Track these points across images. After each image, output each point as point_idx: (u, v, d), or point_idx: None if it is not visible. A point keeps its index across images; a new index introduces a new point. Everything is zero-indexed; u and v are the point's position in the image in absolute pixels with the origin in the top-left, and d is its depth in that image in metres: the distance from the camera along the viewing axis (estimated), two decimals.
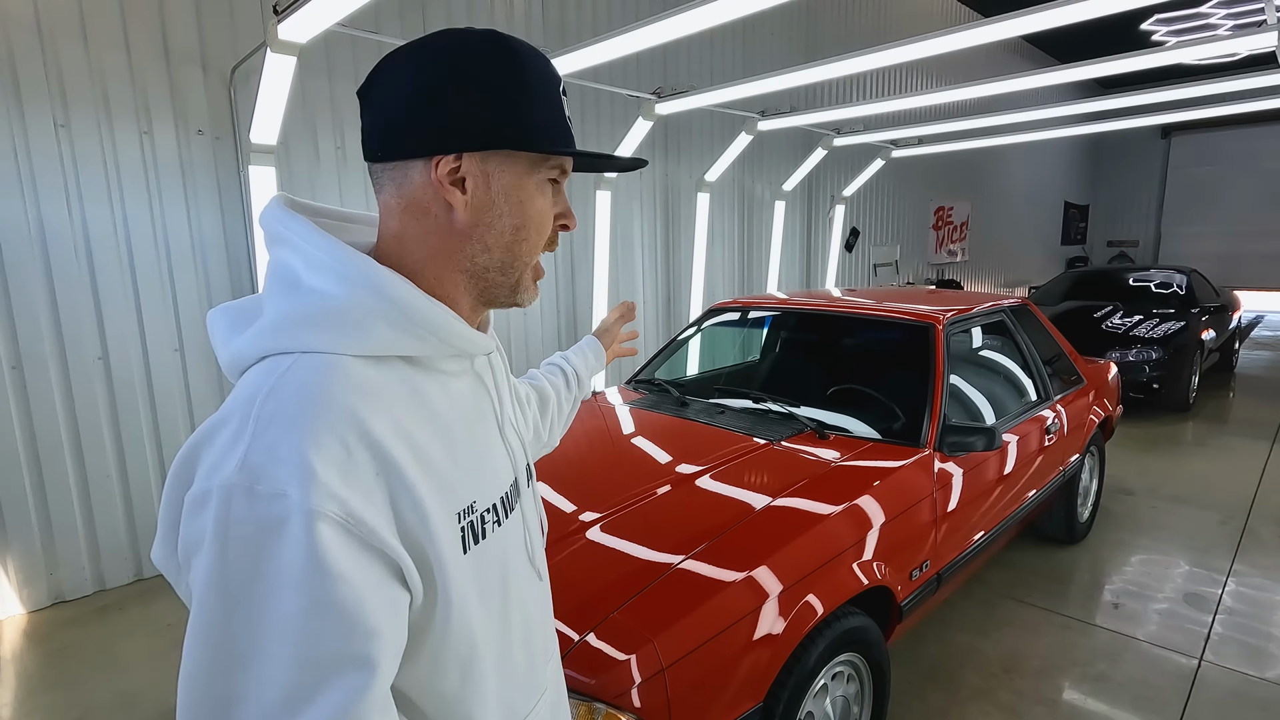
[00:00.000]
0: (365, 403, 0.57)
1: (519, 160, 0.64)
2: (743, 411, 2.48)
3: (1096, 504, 3.59)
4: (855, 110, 4.46)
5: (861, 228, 7.88)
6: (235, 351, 0.62)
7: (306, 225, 0.63)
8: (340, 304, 0.60)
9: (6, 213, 2.75)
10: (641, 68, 5.10)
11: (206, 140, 3.22)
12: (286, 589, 0.50)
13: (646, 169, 5.27)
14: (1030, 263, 12.47)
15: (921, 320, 2.52)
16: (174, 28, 3.09)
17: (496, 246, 0.65)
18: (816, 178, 6.97)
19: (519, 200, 0.65)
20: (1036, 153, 12.12)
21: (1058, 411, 2.91)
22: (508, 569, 0.70)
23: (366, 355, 0.60)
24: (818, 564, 1.67)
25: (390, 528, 0.56)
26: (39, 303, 2.84)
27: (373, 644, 0.53)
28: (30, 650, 2.69)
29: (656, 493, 1.90)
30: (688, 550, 1.62)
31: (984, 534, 2.35)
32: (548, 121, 0.64)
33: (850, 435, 2.25)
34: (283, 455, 0.52)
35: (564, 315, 4.88)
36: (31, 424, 2.87)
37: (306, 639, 0.50)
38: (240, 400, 0.56)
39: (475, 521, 0.65)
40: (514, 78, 0.63)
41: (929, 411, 2.24)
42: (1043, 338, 3.24)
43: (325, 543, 0.51)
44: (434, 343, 0.64)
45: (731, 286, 6.27)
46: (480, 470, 0.67)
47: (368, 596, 0.53)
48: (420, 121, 0.61)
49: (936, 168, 9.01)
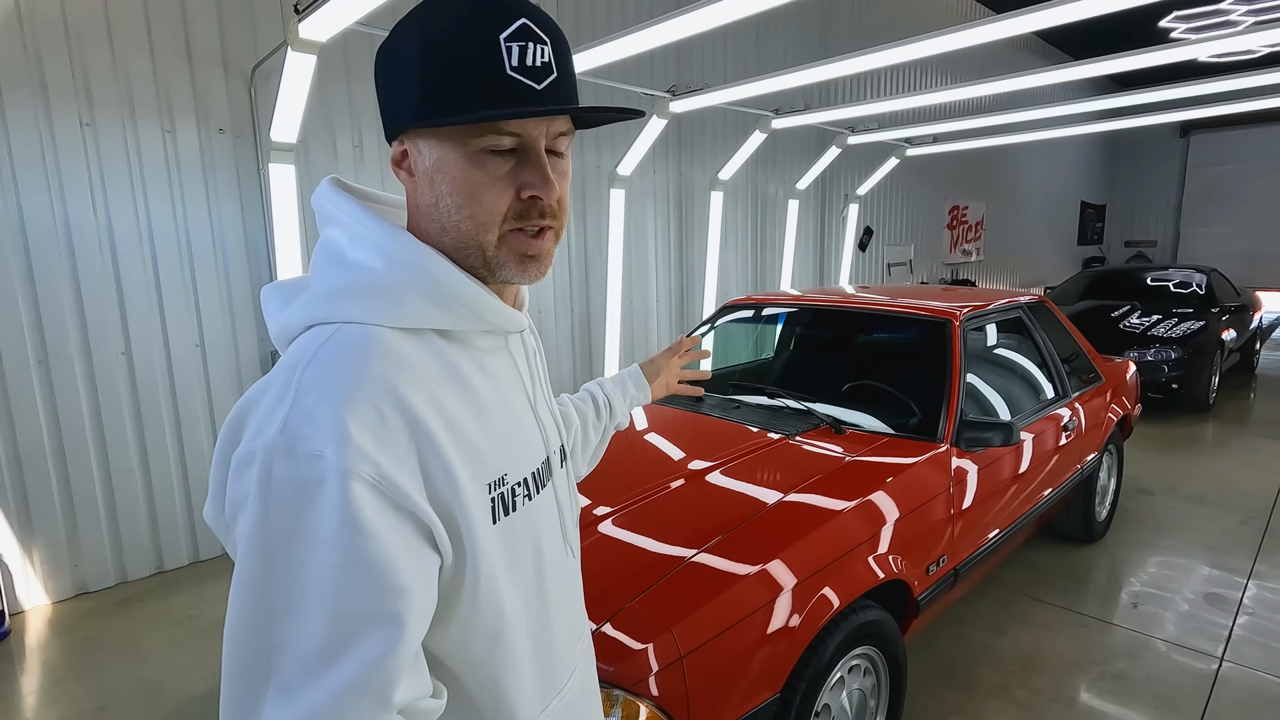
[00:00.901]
0: (400, 372, 0.59)
1: (443, 135, 0.62)
2: (758, 407, 2.48)
3: (1115, 503, 3.56)
4: (869, 108, 4.45)
5: (875, 227, 7.85)
6: (283, 323, 0.65)
7: (353, 204, 0.66)
8: (379, 277, 0.62)
9: (35, 211, 2.80)
10: (655, 66, 5.12)
11: (227, 139, 3.27)
12: (322, 545, 0.52)
13: (659, 165, 5.29)
14: (1046, 263, 12.36)
15: (938, 316, 2.51)
16: (196, 28, 3.13)
17: (449, 225, 0.64)
18: (830, 176, 6.95)
19: (452, 176, 0.62)
20: (1053, 151, 12.02)
21: (1075, 409, 2.89)
22: (540, 544, 0.71)
23: (402, 328, 0.62)
24: (833, 557, 1.67)
25: (421, 491, 0.57)
26: (65, 299, 2.89)
27: (402, 601, 0.55)
28: (55, 640, 2.74)
29: (671, 487, 1.91)
30: (703, 543, 1.63)
31: (1001, 531, 2.34)
32: (457, 87, 0.59)
33: (866, 430, 2.25)
34: (320, 419, 0.54)
35: (578, 313, 4.90)
36: (57, 418, 2.92)
37: (340, 594, 0.53)
38: (284, 367, 0.59)
39: (506, 494, 0.66)
40: (416, 45, 0.60)
41: (946, 407, 2.23)
42: (1061, 335, 3.22)
43: (359, 502, 0.53)
44: (467, 316, 0.65)
45: (744, 285, 6.26)
46: (511, 444, 0.68)
47: (398, 555, 0.55)
48: (381, 107, 0.65)
49: (951, 166, 8.96)
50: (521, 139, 0.62)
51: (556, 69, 0.62)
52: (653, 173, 5.27)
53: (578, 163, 4.76)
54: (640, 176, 5.15)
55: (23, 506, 2.88)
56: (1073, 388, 2.99)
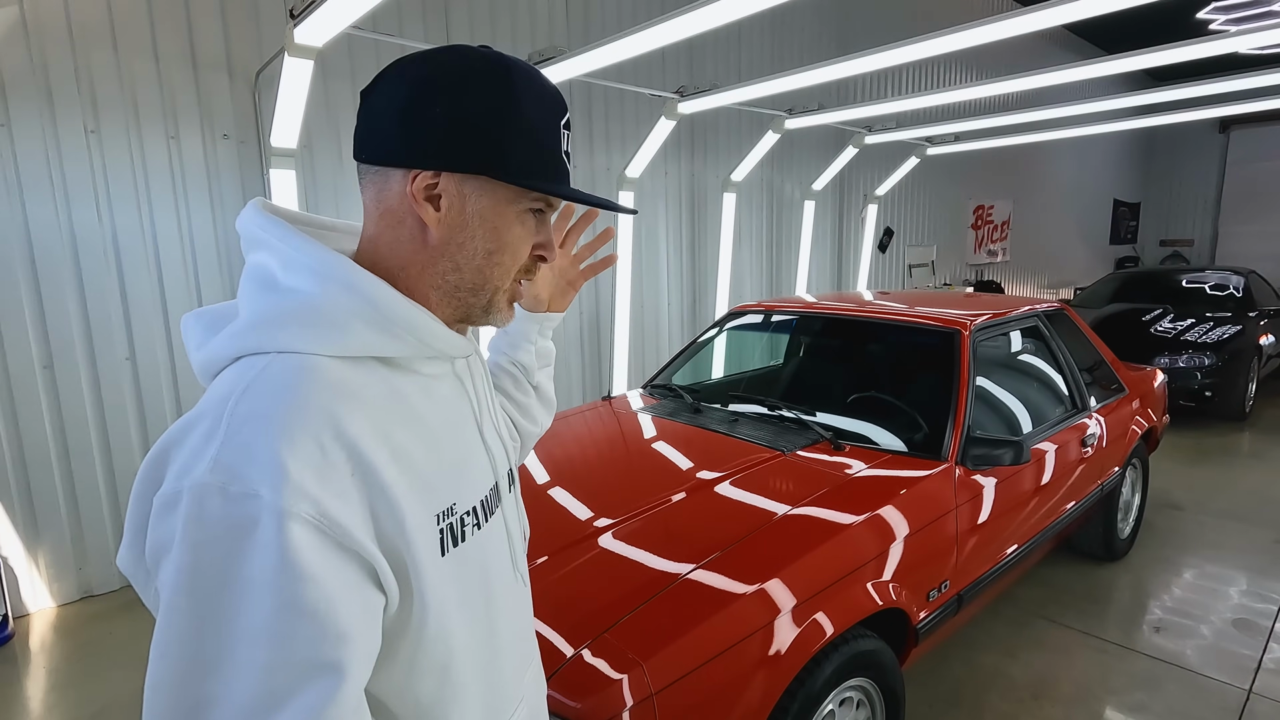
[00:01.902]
0: (341, 403, 0.56)
1: (499, 188, 0.64)
2: (758, 419, 2.40)
3: (1139, 519, 3.40)
4: (887, 106, 4.32)
5: (896, 227, 7.68)
6: (209, 353, 0.61)
7: (284, 227, 0.63)
8: (317, 303, 0.60)
9: (40, 217, 2.82)
10: (667, 66, 5.04)
11: (232, 144, 3.27)
12: (257, 591, 0.49)
13: (670, 166, 5.21)
14: (1076, 263, 12.01)
15: (947, 325, 2.41)
16: (200, 33, 3.14)
17: (467, 268, 0.65)
18: (848, 177, 6.81)
19: (494, 226, 0.65)
20: (1084, 148, 11.66)
21: (1096, 422, 2.76)
22: (490, 573, 0.70)
23: (343, 356, 0.60)
24: (825, 583, 1.60)
25: (365, 529, 0.55)
26: (70, 304, 2.92)
27: (345, 648, 0.52)
28: (58, 643, 2.77)
29: (660, 505, 1.84)
30: (687, 565, 1.56)
31: (1012, 552, 2.23)
32: (535, 155, 0.64)
33: (867, 446, 2.16)
34: (256, 455, 0.51)
35: (586, 317, 4.85)
36: (62, 422, 2.95)
37: (278, 642, 0.50)
38: (214, 400, 0.56)
39: (455, 524, 0.64)
40: (508, 106, 0.62)
41: (952, 422, 2.13)
42: (1081, 344, 3.08)
43: (297, 544, 0.50)
44: (412, 343, 0.63)
45: (760, 288, 6.16)
46: (460, 472, 0.67)
47: (340, 599, 0.52)
48: (406, 132, 0.62)
49: (975, 165, 8.73)
50: (555, 209, 0.70)
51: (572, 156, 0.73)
52: (664, 174, 5.20)
53: (587, 164, 4.71)
54: (651, 178, 5.08)
55: (28, 510, 2.91)
56: (1093, 400, 2.86)
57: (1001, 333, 2.57)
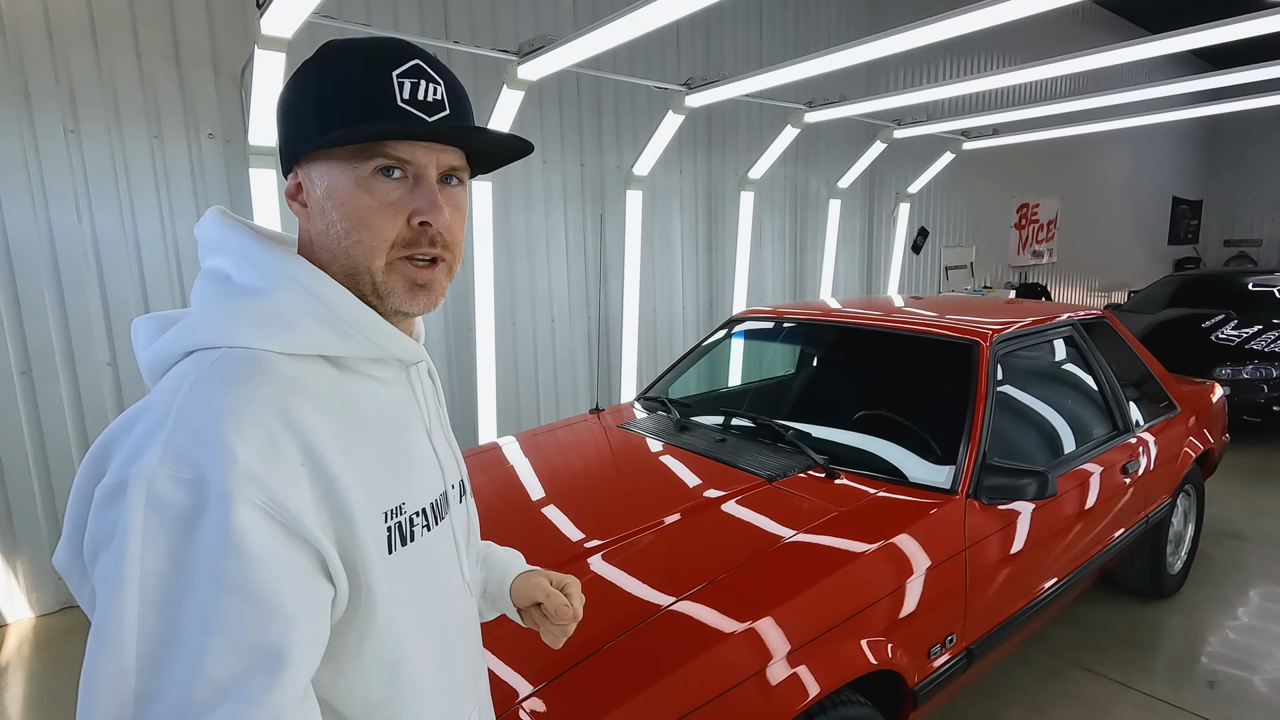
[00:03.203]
0: (290, 395, 0.56)
1: (333, 162, 0.63)
2: (748, 439, 2.16)
3: (1193, 552, 3.04)
4: (915, 96, 4.02)
5: (931, 227, 7.29)
6: (158, 351, 0.61)
7: (241, 231, 0.64)
8: (269, 300, 0.60)
9: (17, 220, 2.75)
10: (683, 54, 4.82)
11: (217, 143, 3.18)
12: (203, 576, 0.49)
13: (685, 164, 4.98)
14: (1131, 265, 11.32)
15: (964, 336, 2.13)
16: (184, 29, 3.05)
17: (338, 250, 0.64)
18: (879, 174, 6.47)
19: (341, 201, 0.63)
20: (1139, 142, 10.98)
21: (1141, 446, 2.44)
22: (439, 577, 0.69)
23: (292, 353, 0.60)
24: (803, 640, 1.36)
25: (314, 517, 0.55)
26: (49, 309, 2.84)
27: (291, 632, 0.52)
28: (37, 655, 2.69)
29: (616, 542, 1.63)
30: (637, 616, 1.34)
31: (1034, 600, 1.95)
32: (348, 111, 0.61)
33: (867, 474, 1.90)
34: (204, 442, 0.51)
35: (595, 320, 4.66)
36: (41, 430, 2.88)
37: (224, 627, 0.49)
38: (162, 392, 0.55)
39: (404, 523, 0.64)
40: (310, 77, 0.63)
41: (965, 449, 1.86)
42: (1126, 357, 2.75)
43: (245, 526, 0.50)
44: (362, 342, 0.63)
45: (782, 291, 5.88)
46: (409, 474, 0.66)
47: (287, 583, 0.52)
48: (280, 146, 0.66)
49: (1019, 160, 8.22)
50: (411, 165, 0.63)
51: (450, 107, 0.64)
52: (679, 172, 4.97)
53: (594, 163, 4.52)
54: (665, 176, 4.86)
55: (6, 519, 2.85)
56: (1139, 420, 2.54)
57: (1029, 345, 2.28)
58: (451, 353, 4.00)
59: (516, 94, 3.16)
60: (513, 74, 3.07)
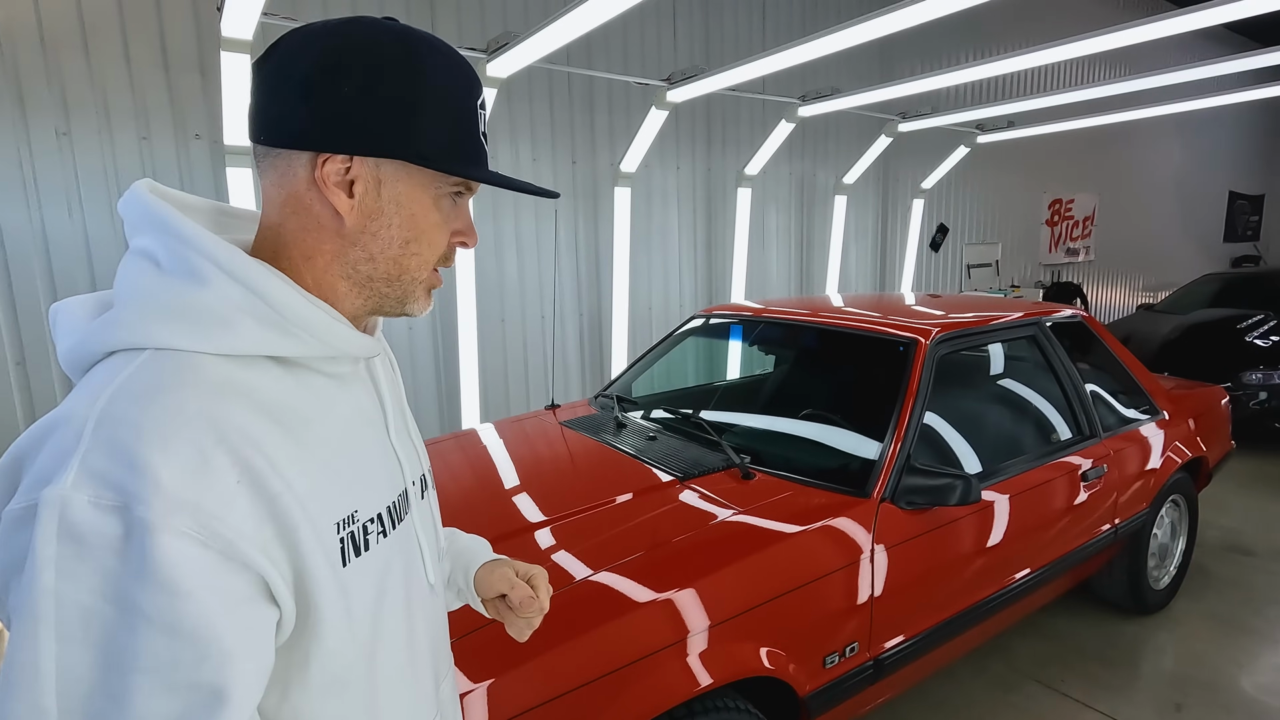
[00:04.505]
0: (225, 405, 0.52)
1: (416, 172, 0.60)
2: (680, 436, 2.13)
3: (1184, 565, 2.87)
4: (917, 85, 3.87)
5: (952, 224, 7.06)
6: (77, 344, 0.55)
7: (170, 213, 0.57)
8: (202, 296, 0.54)
9: (12, 218, 2.91)
10: (680, 51, 4.78)
11: (204, 144, 3.29)
12: (130, 613, 0.45)
13: (683, 161, 4.95)
14: (1181, 263, 10.72)
15: (901, 335, 2.05)
16: (172, 34, 3.16)
17: (382, 257, 0.61)
18: (893, 168, 6.29)
19: (411, 213, 0.61)
20: (1189, 132, 10.37)
21: (1108, 452, 2.31)
22: (398, 583, 0.65)
23: (230, 354, 0.54)
24: (663, 644, 1.33)
25: (254, 539, 0.50)
26: (42, 303, 3.00)
27: (230, 668, 0.48)
28: None
29: (525, 530, 1.63)
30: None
31: (964, 612, 1.87)
32: (454, 137, 0.61)
33: (783, 475, 1.85)
34: (125, 462, 0.46)
35: (588, 316, 4.66)
36: (34, 417, 3.04)
37: (156, 667, 0.45)
38: (78, 401, 0.50)
39: (356, 532, 0.60)
40: (425, 83, 0.59)
41: (885, 451, 1.79)
42: (1105, 361, 2.61)
43: (174, 558, 0.45)
44: (311, 343, 0.58)
45: (787, 289, 5.78)
46: (363, 478, 0.62)
47: (224, 615, 0.48)
48: (313, 112, 0.57)
49: (1050, 152, 7.85)
50: (473, 191, 0.65)
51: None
52: (676, 168, 4.94)
53: (587, 160, 4.52)
54: (662, 172, 4.83)
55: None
56: (1111, 425, 2.41)
57: (977, 344, 2.18)
58: (439, 348, 4.06)
59: (489, 92, 3.18)
60: (482, 71, 3.09)
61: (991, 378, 2.32)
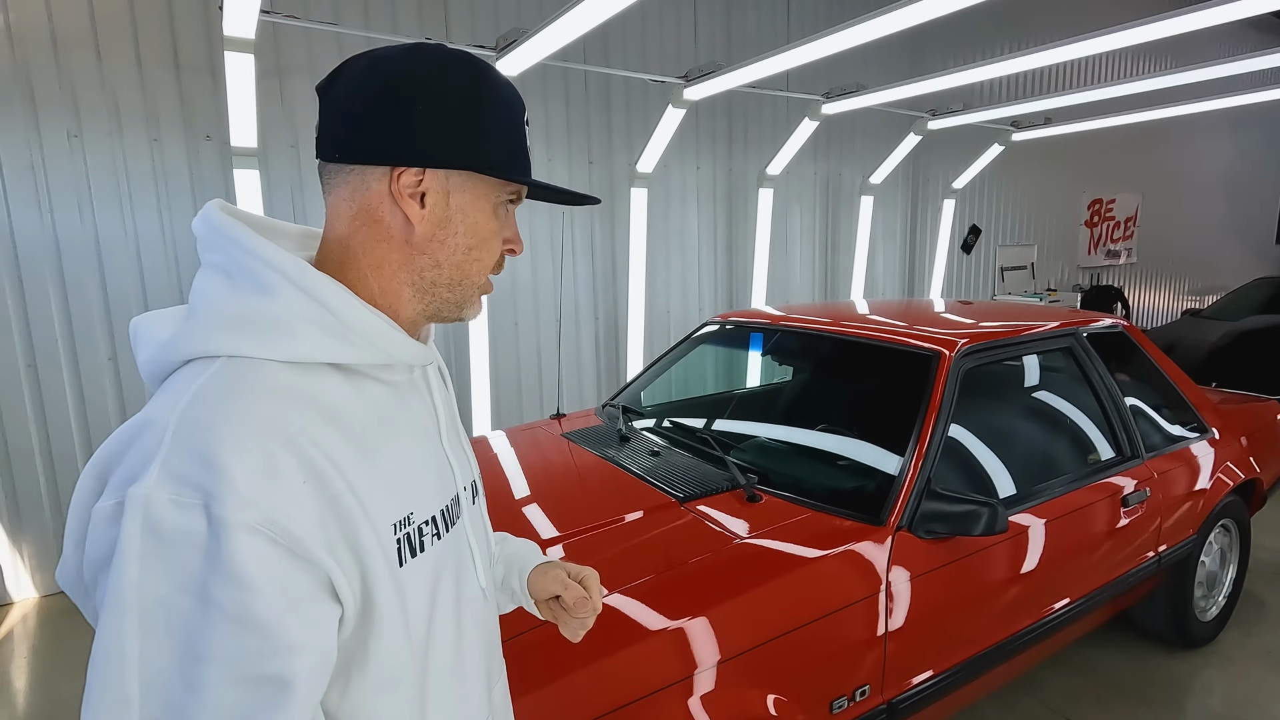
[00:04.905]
0: (292, 410, 0.55)
1: (479, 182, 0.65)
2: (686, 452, 2.01)
3: (1235, 596, 2.66)
4: (946, 80, 3.69)
5: (985, 225, 6.80)
6: (156, 357, 0.60)
7: (241, 229, 0.61)
8: (270, 307, 0.58)
9: (24, 221, 2.91)
10: (700, 48, 4.65)
11: (214, 146, 3.27)
12: (205, 605, 0.48)
13: (704, 161, 4.82)
14: (1229, 266, 10.22)
15: (923, 347, 1.91)
16: (183, 36, 3.14)
17: (448, 263, 0.66)
18: (923, 167, 6.08)
19: (475, 221, 0.66)
20: (1241, 125, 9.88)
21: (1151, 474, 2.13)
22: (451, 585, 0.68)
23: (295, 361, 0.58)
24: (662, 684, 1.22)
25: (319, 538, 0.53)
26: (53, 306, 2.99)
27: (296, 661, 0.51)
28: (40, 632, 2.85)
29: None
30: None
31: (990, 650, 1.72)
32: (510, 148, 0.66)
33: (792, 498, 1.72)
34: (202, 463, 0.50)
35: (604, 321, 4.56)
36: (45, 419, 3.04)
37: (227, 658, 0.48)
38: (159, 407, 0.54)
39: (412, 534, 0.62)
40: (485, 102, 0.64)
41: (903, 474, 1.65)
42: (1148, 374, 2.43)
43: (245, 554, 0.49)
44: (370, 350, 0.62)
45: (811, 292, 5.62)
46: (418, 482, 0.65)
47: (290, 610, 0.51)
48: (388, 129, 0.61)
49: (1089, 150, 7.51)
50: (520, 201, 0.70)
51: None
52: (696, 169, 4.81)
53: (603, 161, 4.42)
54: (681, 172, 4.71)
55: (12, 502, 3.02)
56: (1154, 444, 2.23)
57: (1007, 357, 2.02)
58: (451, 352, 4.00)
59: None
60: None
61: (1023, 393, 2.16)
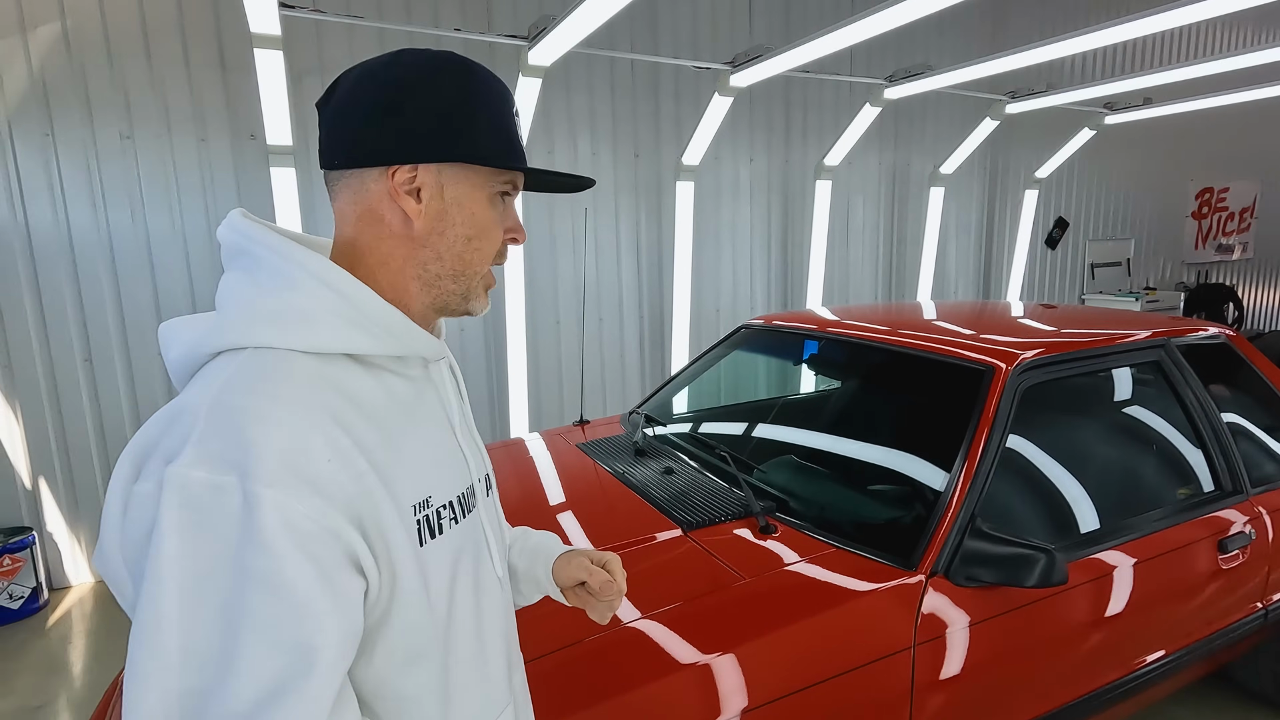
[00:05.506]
0: (318, 393, 0.58)
1: (472, 173, 0.67)
2: (704, 470, 1.84)
3: None
4: (1029, 56, 3.34)
5: (1073, 217, 6.24)
6: (185, 352, 0.62)
7: (263, 229, 0.64)
8: (294, 300, 0.61)
9: (80, 221, 3.02)
10: (756, 29, 4.41)
11: (259, 144, 3.30)
12: (239, 574, 0.51)
13: (758, 152, 4.59)
14: None
15: (976, 361, 1.66)
16: (229, 37, 3.18)
17: (448, 255, 0.68)
18: (1001, 155, 5.61)
19: (471, 211, 0.68)
20: None
21: (1253, 513, 1.81)
22: (470, 569, 0.70)
23: (317, 351, 0.61)
24: None
25: (345, 514, 0.56)
26: (107, 303, 3.10)
27: (323, 630, 0.53)
28: (97, 614, 2.97)
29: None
30: None
31: (1048, 715, 1.47)
32: (500, 138, 0.68)
33: (812, 532, 1.52)
34: (235, 442, 0.53)
35: (649, 318, 4.41)
36: (100, 411, 3.15)
37: (261, 625, 0.51)
38: (192, 395, 0.57)
39: (431, 516, 0.65)
40: (470, 96, 0.66)
41: (943, 510, 1.43)
42: (1256, 392, 2.08)
43: (276, 524, 0.51)
44: (387, 340, 0.64)
45: (874, 290, 5.28)
46: (435, 467, 0.67)
47: (319, 581, 0.53)
48: (379, 132, 0.64)
49: (1196, 133, 6.75)
50: (518, 190, 0.72)
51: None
52: (749, 160, 4.58)
53: (650, 154, 4.25)
54: (734, 165, 4.50)
55: (70, 490, 3.15)
56: (1263, 477, 1.89)
57: (1078, 374, 1.74)
58: (490, 351, 3.95)
59: (533, 81, 2.99)
60: (524, 60, 2.90)
61: (1098, 415, 1.87)
